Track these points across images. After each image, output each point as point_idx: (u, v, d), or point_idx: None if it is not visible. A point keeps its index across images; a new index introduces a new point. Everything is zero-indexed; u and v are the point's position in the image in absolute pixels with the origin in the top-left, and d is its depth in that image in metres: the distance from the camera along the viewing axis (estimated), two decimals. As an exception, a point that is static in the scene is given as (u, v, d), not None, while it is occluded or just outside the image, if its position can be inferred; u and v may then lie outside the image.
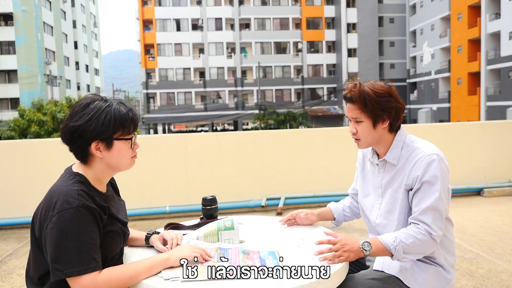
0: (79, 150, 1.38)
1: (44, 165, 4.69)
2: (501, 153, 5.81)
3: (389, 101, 1.59)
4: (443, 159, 1.57)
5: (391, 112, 1.60)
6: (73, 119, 1.35)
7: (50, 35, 40.33)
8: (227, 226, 1.60)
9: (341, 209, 1.94)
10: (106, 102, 1.38)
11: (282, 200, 5.06)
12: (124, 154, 1.41)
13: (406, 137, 1.66)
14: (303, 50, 44.82)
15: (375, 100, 1.58)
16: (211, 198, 1.82)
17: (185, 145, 5.10)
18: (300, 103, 43.49)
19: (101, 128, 1.34)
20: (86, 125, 1.33)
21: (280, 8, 44.46)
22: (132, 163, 1.47)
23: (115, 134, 1.37)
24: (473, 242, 3.74)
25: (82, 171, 1.40)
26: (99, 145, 1.36)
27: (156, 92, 43.49)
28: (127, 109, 1.40)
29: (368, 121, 1.61)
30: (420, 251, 1.52)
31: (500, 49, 31.60)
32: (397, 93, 1.63)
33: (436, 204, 1.52)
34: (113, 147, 1.38)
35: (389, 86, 1.63)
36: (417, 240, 1.49)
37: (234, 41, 44.16)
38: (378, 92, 1.58)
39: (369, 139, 1.65)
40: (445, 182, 1.56)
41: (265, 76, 44.19)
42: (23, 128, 21.06)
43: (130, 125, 1.40)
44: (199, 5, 44.01)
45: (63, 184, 1.34)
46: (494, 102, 32.06)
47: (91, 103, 1.37)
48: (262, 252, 1.49)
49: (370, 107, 1.58)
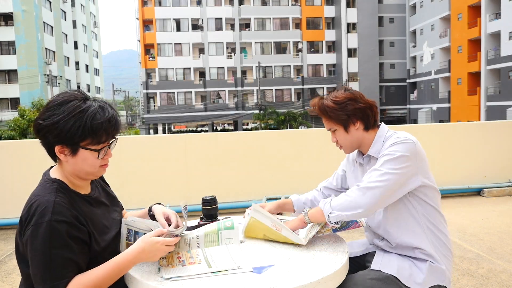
0: (46, 147, 1.33)
1: (44, 165, 4.67)
2: (501, 153, 5.80)
3: (349, 104, 1.66)
4: (415, 142, 1.58)
5: (356, 113, 1.66)
6: (42, 116, 1.28)
7: (50, 35, 40.34)
8: (227, 226, 1.60)
9: (302, 202, 1.95)
10: (84, 104, 1.29)
11: (282, 200, 5.06)
12: (90, 162, 1.33)
13: (387, 132, 1.70)
14: (303, 50, 44.83)
15: (335, 108, 1.67)
16: (211, 198, 1.81)
17: (185, 145, 5.10)
18: (300, 103, 43.50)
19: (67, 134, 1.26)
20: (52, 127, 1.26)
21: (280, 8, 44.46)
22: (101, 172, 1.38)
23: (83, 142, 1.29)
24: (473, 242, 3.74)
25: (59, 176, 1.35)
26: (64, 149, 1.30)
27: (156, 92, 43.49)
28: (104, 117, 1.29)
29: (340, 127, 1.70)
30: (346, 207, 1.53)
31: (500, 49, 31.60)
32: (360, 94, 1.70)
33: (378, 173, 1.54)
34: (78, 154, 1.30)
35: (349, 91, 1.70)
36: (345, 196, 1.56)
37: (234, 41, 44.17)
38: (337, 100, 1.67)
39: (348, 143, 1.73)
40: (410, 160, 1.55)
41: (265, 76, 44.20)
42: (23, 128, 21.08)
43: (102, 135, 1.30)
44: (199, 5, 44.02)
45: (41, 192, 1.29)
46: (494, 102, 32.07)
47: (67, 102, 1.28)
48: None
49: (334, 116, 1.68)
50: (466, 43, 35.44)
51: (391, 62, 46.01)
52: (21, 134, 20.97)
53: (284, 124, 33.95)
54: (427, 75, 41.71)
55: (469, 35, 34.96)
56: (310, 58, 45.19)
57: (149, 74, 44.04)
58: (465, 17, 35.42)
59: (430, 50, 41.25)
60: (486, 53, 33.03)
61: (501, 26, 31.21)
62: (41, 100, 23.49)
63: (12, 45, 36.40)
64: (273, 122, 34.97)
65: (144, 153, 4.97)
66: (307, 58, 45.05)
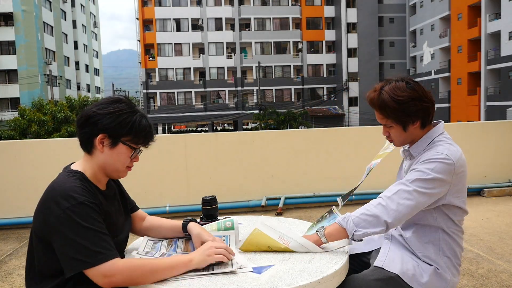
0: (85, 137, 1.39)
1: (44, 165, 4.68)
2: (501, 153, 5.81)
3: (413, 105, 1.53)
4: (454, 163, 1.50)
5: (418, 114, 1.55)
6: (97, 106, 1.39)
7: (50, 35, 40.33)
8: (227, 226, 1.60)
9: None
10: (132, 109, 1.42)
11: (282, 200, 5.06)
12: (122, 159, 1.42)
13: (438, 136, 1.61)
14: (303, 50, 44.82)
15: (396, 108, 1.53)
16: (211, 198, 1.81)
17: (185, 145, 5.10)
18: (300, 103, 43.49)
19: (116, 125, 1.37)
20: (105, 116, 1.36)
21: (280, 8, 44.46)
22: (124, 173, 1.48)
23: (124, 137, 1.39)
24: (473, 242, 3.74)
25: (81, 169, 1.41)
26: (105, 139, 1.38)
27: (156, 92, 43.49)
28: (147, 124, 1.44)
29: (397, 126, 1.58)
30: (370, 224, 1.49)
31: (500, 49, 31.60)
32: (423, 90, 1.56)
33: (405, 187, 1.49)
34: (116, 147, 1.40)
35: (412, 87, 1.54)
36: (367, 211, 1.49)
37: (234, 41, 44.17)
38: (399, 99, 1.52)
39: (403, 139, 1.63)
40: (443, 183, 1.50)
41: (265, 76, 44.19)
42: (23, 128, 21.06)
43: (141, 137, 1.43)
44: (199, 5, 44.01)
45: (65, 181, 1.33)
46: (494, 102, 32.06)
47: (119, 102, 1.41)
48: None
49: (394, 115, 1.55)
50: (466, 43, 35.45)
51: (391, 62, 46.00)
52: (21, 134, 20.94)
53: (284, 124, 33.91)
54: (427, 75, 41.71)
55: (469, 35, 34.96)
56: (310, 58, 45.19)
57: (149, 74, 44.03)
58: (465, 17, 35.42)
59: (430, 50, 41.26)
60: (486, 53, 33.03)
61: (501, 26, 31.21)
62: (41, 100, 23.43)
63: (12, 45, 36.39)
64: (273, 122, 34.92)
65: (144, 153, 4.94)
66: (307, 58, 45.04)
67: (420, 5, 42.68)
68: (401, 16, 45.54)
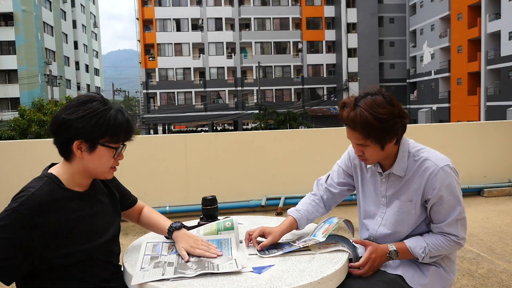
0: (62, 144, 1.33)
1: (44, 165, 4.64)
2: (501, 153, 5.80)
3: (393, 123, 1.43)
4: (454, 168, 1.55)
5: (398, 131, 1.48)
6: (66, 111, 1.31)
7: (50, 35, 40.33)
8: (227, 226, 1.60)
9: (305, 218, 1.73)
10: (105, 106, 1.33)
11: (282, 200, 5.06)
12: (104, 161, 1.36)
13: (409, 145, 1.57)
14: (303, 50, 44.82)
15: (379, 127, 1.42)
16: (211, 198, 1.81)
17: (185, 145, 5.10)
18: (300, 103, 43.49)
19: (90, 128, 1.29)
20: (76, 121, 1.29)
21: (280, 8, 44.45)
22: (110, 174, 1.42)
23: (102, 139, 1.32)
24: (473, 242, 3.74)
25: (56, 172, 1.37)
26: (82, 145, 1.31)
27: (156, 92, 43.50)
28: (124, 119, 1.34)
29: (375, 145, 1.48)
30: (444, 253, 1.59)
31: (500, 49, 31.60)
32: (398, 104, 1.47)
33: (460, 214, 1.54)
34: (95, 151, 1.33)
35: (390, 102, 1.44)
36: (445, 249, 1.56)
37: (234, 41, 44.17)
38: (382, 117, 1.41)
39: (377, 158, 1.56)
40: (460, 189, 1.56)
41: (265, 76, 44.19)
42: (24, 128, 21.04)
43: (120, 135, 1.35)
44: (199, 5, 44.01)
45: (30, 184, 1.33)
46: (494, 102, 32.06)
47: (90, 102, 1.33)
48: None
49: (375, 135, 1.44)
50: (466, 43, 35.44)
51: (391, 62, 46.00)
52: (21, 134, 20.93)
53: (284, 124, 33.90)
54: (427, 75, 41.71)
55: (469, 35, 34.96)
56: (310, 58, 45.19)
57: (149, 74, 44.04)
58: (465, 17, 35.41)
59: (430, 50, 41.25)
60: (486, 53, 33.03)
61: (501, 26, 31.20)
62: (41, 100, 23.42)
63: (12, 45, 36.39)
64: (273, 122, 34.93)
65: (144, 153, 4.96)
66: (307, 58, 45.05)
67: (420, 5, 42.68)
68: (401, 16, 45.54)
